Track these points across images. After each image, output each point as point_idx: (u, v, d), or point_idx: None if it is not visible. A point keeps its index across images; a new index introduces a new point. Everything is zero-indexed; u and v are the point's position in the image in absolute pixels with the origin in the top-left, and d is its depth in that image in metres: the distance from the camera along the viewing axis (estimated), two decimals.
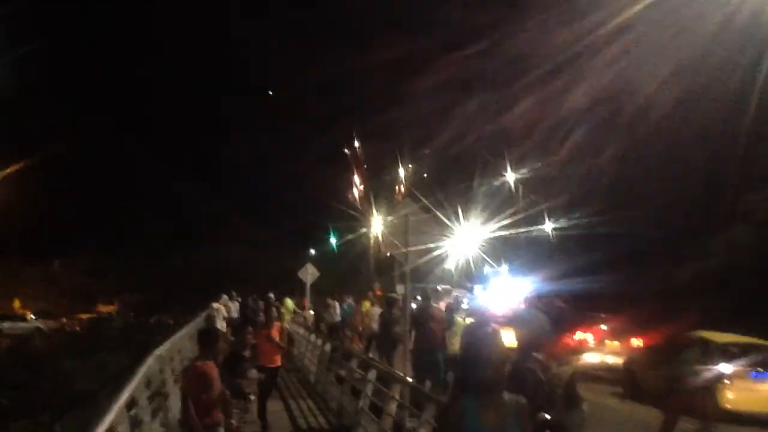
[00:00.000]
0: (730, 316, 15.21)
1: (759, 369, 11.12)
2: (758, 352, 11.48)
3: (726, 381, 10.93)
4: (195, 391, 5.85)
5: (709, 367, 11.03)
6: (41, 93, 56.01)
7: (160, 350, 8.79)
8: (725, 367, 11.09)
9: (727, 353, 11.42)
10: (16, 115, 48.85)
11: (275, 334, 9.82)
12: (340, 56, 77.10)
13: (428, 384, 8.31)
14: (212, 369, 6.02)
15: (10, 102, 45.54)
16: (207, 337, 6.44)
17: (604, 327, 16.74)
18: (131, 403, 5.92)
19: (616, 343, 16.07)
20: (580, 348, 15.70)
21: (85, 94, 68.89)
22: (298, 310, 24.12)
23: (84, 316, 44.09)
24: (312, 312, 22.47)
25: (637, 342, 15.87)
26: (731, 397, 10.81)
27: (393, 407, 7.68)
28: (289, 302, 21.59)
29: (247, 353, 8.89)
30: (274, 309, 17.58)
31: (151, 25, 79.83)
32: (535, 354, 3.90)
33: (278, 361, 9.92)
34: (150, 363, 7.50)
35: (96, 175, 59.99)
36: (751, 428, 10.50)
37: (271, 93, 77.03)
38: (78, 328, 38.95)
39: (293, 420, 10.13)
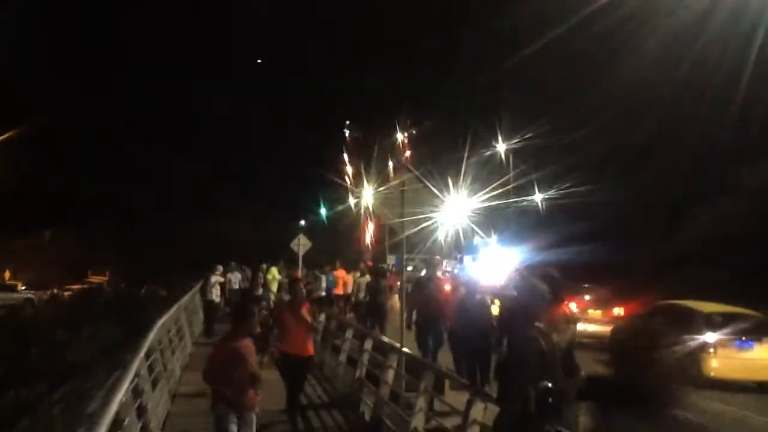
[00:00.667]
0: (720, 285, 15.55)
1: (743, 338, 11.40)
2: (742, 321, 11.76)
3: (711, 350, 11.21)
4: (226, 371, 5.51)
5: (694, 336, 11.22)
6: (31, 63, 55.21)
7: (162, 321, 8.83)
8: (710, 336, 11.37)
9: (711, 322, 11.71)
10: (3, 85, 48.33)
11: (306, 313, 7.93)
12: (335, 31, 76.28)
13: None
14: (246, 347, 5.63)
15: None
16: (242, 313, 5.90)
17: (587, 297, 17.27)
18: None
19: (598, 312, 16.51)
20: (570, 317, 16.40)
21: (75, 65, 67.83)
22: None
23: (75, 287, 44.06)
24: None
25: (618, 311, 16.30)
26: (716, 366, 11.11)
27: (390, 375, 7.83)
28: (275, 271, 19.37)
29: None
30: (260, 274, 17.84)
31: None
32: (537, 323, 4.01)
33: (311, 348, 8.10)
34: (151, 338, 7.54)
35: (87, 146, 59.54)
36: (736, 394, 10.81)
37: (259, 61, 76.50)
38: (69, 299, 38.93)
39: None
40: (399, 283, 12.39)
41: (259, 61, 74.90)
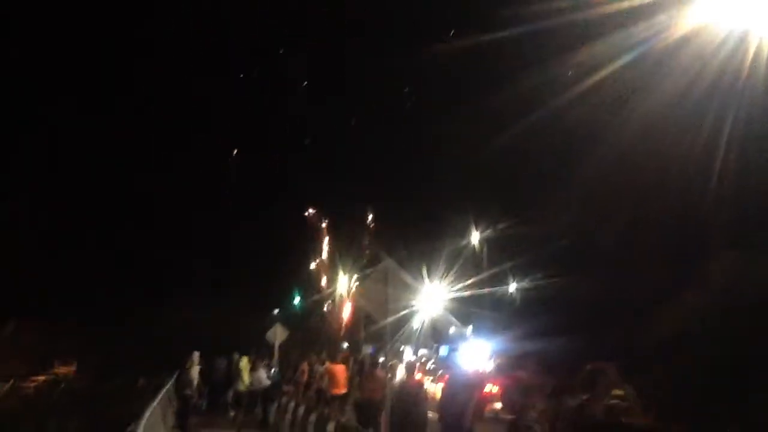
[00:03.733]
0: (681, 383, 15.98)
1: None
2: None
3: None
4: None
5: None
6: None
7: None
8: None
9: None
10: None
11: None
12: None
13: None
14: None
15: None
16: None
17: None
18: None
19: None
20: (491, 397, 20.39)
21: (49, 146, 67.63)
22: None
23: (41, 378, 42.71)
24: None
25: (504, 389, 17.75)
26: None
27: None
28: (245, 360, 18.98)
29: None
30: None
31: None
32: (532, 413, 4.34)
33: None
34: None
35: (50, 234, 58.77)
36: None
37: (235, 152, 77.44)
38: (33, 391, 37.70)
39: None
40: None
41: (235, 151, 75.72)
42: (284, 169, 63.86)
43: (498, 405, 20.16)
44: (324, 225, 63.74)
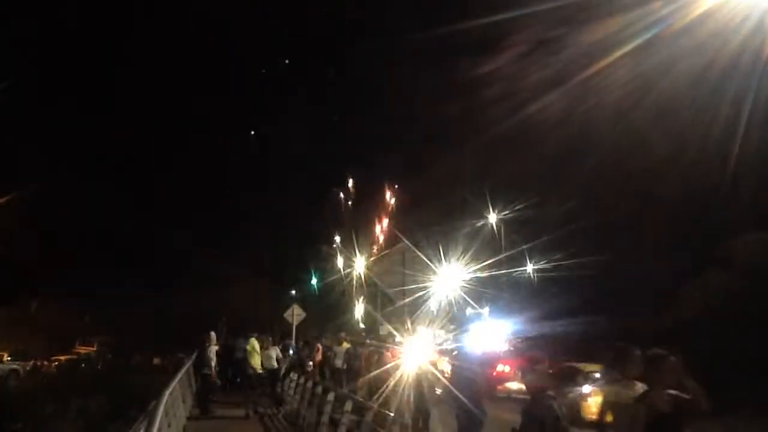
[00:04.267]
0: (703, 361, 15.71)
1: None
2: (612, 377, 14.49)
3: (588, 398, 14.53)
4: None
5: (577, 387, 15.07)
6: (18, 129, 55.62)
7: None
8: (586, 388, 15.10)
9: (589, 378, 15.69)
10: None
11: None
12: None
13: None
14: None
15: None
16: None
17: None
18: None
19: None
20: (504, 377, 21.22)
21: (62, 132, 68.10)
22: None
23: (62, 358, 43.45)
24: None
25: (522, 369, 17.56)
26: (593, 410, 13.70)
27: None
28: (255, 343, 17.83)
29: None
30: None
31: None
32: (549, 393, 4.32)
33: None
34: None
35: (72, 215, 59.38)
36: None
37: (252, 133, 77.51)
38: (56, 370, 38.32)
39: None
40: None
41: (252, 132, 75.82)
42: (305, 147, 64.10)
43: (511, 384, 20.57)
44: (343, 204, 63.86)
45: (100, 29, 72.95)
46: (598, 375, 16.08)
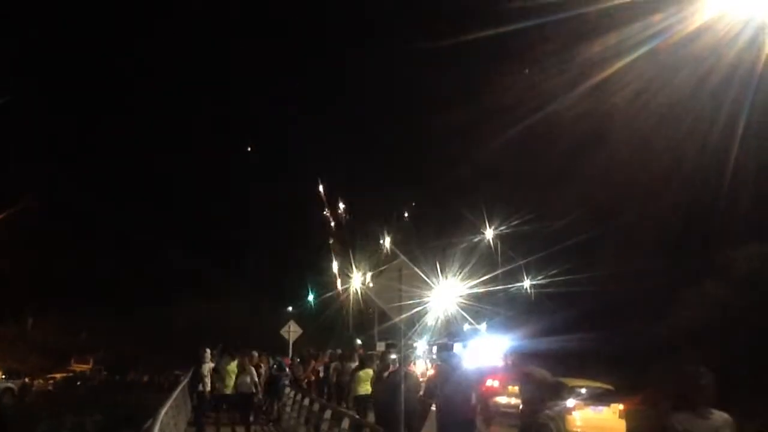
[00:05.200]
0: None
1: (596, 403, 15.90)
2: (596, 392, 16.52)
3: (572, 412, 15.21)
4: None
5: (563, 402, 14.89)
6: (9, 146, 55.63)
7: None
8: (571, 402, 15.46)
9: (575, 392, 16.12)
10: None
11: None
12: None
13: None
14: None
15: None
16: None
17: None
18: None
19: (516, 387, 18.86)
20: (493, 391, 20.90)
21: (61, 147, 68.07)
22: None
23: (58, 375, 43.18)
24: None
25: (520, 385, 17.54)
26: (578, 423, 15.11)
27: None
28: (232, 363, 15.34)
29: None
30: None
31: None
32: (547, 411, 4.26)
33: None
34: None
35: (68, 233, 59.23)
36: None
37: (249, 149, 77.72)
38: (51, 388, 38.09)
39: None
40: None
41: (249, 149, 76.08)
42: (305, 162, 64.31)
43: (500, 399, 20.32)
44: (339, 222, 63.91)
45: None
46: (584, 390, 16.59)
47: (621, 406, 16.20)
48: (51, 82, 67.34)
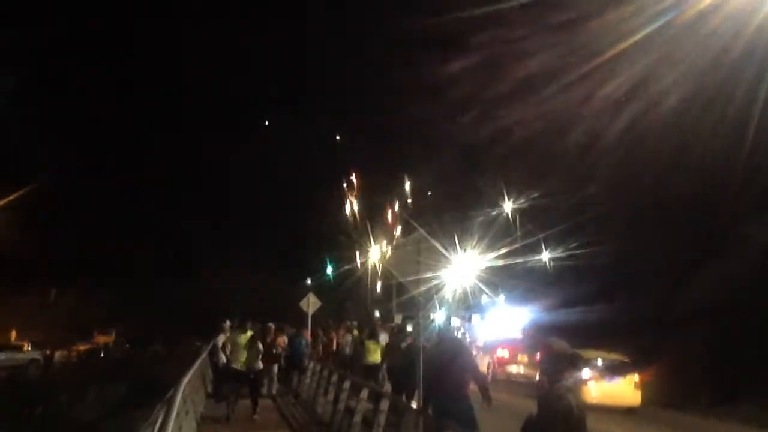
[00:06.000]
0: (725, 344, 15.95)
1: (612, 375, 16.46)
2: (611, 363, 16.86)
3: (588, 383, 15.78)
4: None
5: (578, 373, 14.93)
6: (37, 122, 56.21)
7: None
8: (586, 373, 15.91)
9: (590, 364, 16.39)
10: (9, 143, 49.17)
11: None
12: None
13: None
14: None
15: (3, 129, 46.01)
16: None
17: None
18: None
19: (525, 357, 21.05)
20: (503, 361, 22.17)
21: (81, 125, 68.68)
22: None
23: (81, 347, 43.91)
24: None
25: (540, 356, 17.51)
26: (593, 394, 15.65)
27: None
28: (242, 337, 14.01)
29: None
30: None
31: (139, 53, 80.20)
32: (564, 382, 4.24)
33: None
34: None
35: (90, 205, 59.96)
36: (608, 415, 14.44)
37: (267, 123, 77.58)
38: (75, 359, 38.75)
39: None
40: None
41: (266, 122, 75.86)
42: (323, 137, 64.09)
43: (511, 368, 21.79)
44: (358, 194, 63.80)
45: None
46: (600, 362, 16.87)
47: (637, 377, 16.71)
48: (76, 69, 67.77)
